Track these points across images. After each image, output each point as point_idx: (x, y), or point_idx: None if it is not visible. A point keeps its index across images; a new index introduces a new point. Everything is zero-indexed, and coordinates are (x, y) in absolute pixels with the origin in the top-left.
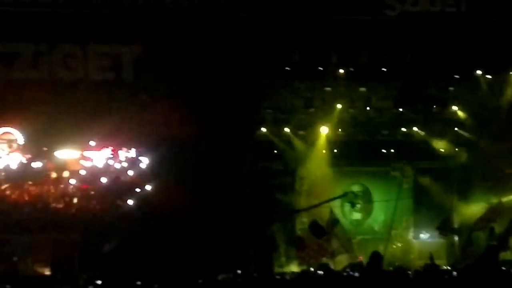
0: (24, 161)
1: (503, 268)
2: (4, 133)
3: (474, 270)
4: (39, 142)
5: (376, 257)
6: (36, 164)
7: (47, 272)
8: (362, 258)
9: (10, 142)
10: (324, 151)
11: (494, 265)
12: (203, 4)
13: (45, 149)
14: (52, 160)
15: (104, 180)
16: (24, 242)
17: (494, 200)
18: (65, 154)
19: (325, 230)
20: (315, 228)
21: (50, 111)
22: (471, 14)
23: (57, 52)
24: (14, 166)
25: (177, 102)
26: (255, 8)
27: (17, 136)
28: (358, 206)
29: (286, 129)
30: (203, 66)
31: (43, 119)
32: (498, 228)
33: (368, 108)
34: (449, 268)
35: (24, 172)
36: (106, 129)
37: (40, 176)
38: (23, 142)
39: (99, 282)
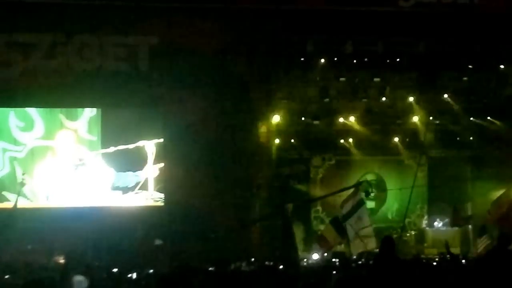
0: None
1: None
2: None
3: (487, 259)
4: None
5: (388, 241)
6: None
7: (60, 260)
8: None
9: None
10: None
11: (507, 253)
12: None
13: None
14: None
15: None
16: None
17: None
18: None
19: (345, 230)
20: (337, 224)
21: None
22: (483, 5)
23: (73, 42)
24: None
25: (192, 93)
26: None
27: None
28: (372, 194)
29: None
30: (219, 57)
31: None
32: None
33: (382, 98)
34: (462, 256)
35: None
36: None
37: None
38: None
39: (114, 270)
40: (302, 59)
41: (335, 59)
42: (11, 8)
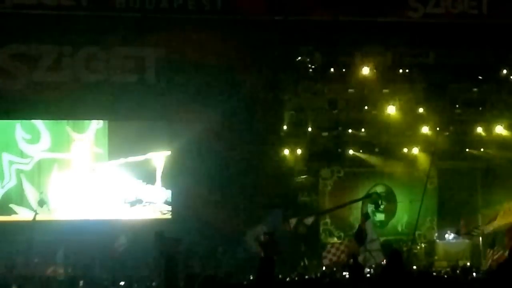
0: None
1: None
2: None
3: (498, 271)
4: None
5: (395, 255)
6: None
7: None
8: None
9: None
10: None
11: None
12: (225, 7)
13: None
14: None
15: None
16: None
17: None
18: None
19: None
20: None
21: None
22: (492, 15)
23: (80, 54)
24: None
25: (200, 105)
26: (277, 10)
27: None
28: (382, 207)
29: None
30: (226, 68)
31: None
32: None
33: (390, 109)
34: (473, 269)
35: None
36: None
37: None
38: None
39: (122, 283)
40: (311, 70)
41: (344, 70)
42: (17, 20)
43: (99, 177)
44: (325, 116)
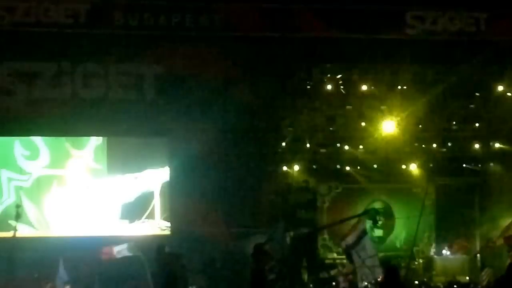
0: None
1: None
2: None
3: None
4: None
5: (391, 270)
6: None
7: None
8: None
9: None
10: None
11: None
12: (223, 24)
13: None
14: None
15: None
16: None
17: None
18: None
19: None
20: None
21: None
22: (490, 32)
23: (79, 71)
24: None
25: (199, 122)
26: (275, 26)
27: None
28: (380, 223)
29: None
30: (225, 85)
31: None
32: None
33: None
34: (471, 284)
35: None
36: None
37: None
38: None
39: None
40: (309, 87)
41: (342, 86)
42: (15, 37)
43: (98, 193)
44: (323, 133)
